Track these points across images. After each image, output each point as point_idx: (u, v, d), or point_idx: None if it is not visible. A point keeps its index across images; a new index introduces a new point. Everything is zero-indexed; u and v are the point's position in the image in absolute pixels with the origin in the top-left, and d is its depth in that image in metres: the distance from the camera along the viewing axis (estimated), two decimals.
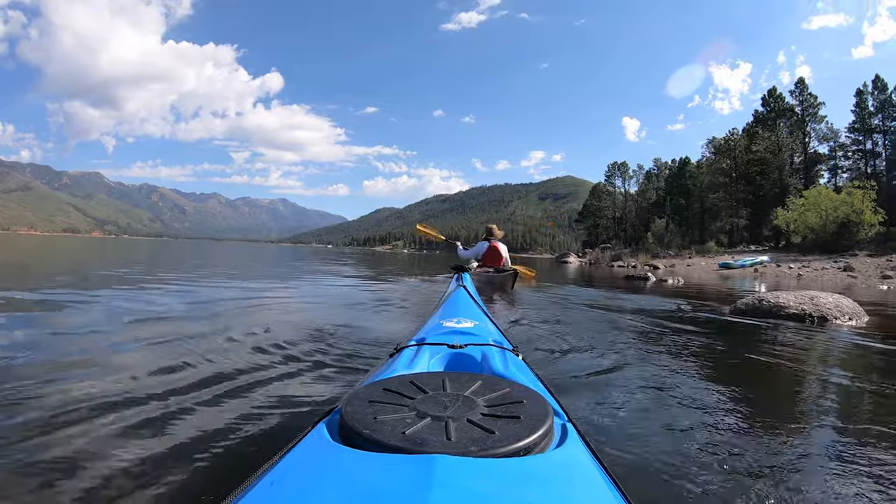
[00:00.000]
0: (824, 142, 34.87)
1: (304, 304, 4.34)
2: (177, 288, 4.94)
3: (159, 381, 1.62)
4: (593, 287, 8.37)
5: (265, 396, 1.51)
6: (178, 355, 1.96)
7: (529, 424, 0.61)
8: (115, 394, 1.46)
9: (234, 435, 1.21)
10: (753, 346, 2.90)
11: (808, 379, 2.20)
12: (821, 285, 10.44)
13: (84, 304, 3.45)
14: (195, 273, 7.61)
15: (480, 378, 0.78)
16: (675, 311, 4.50)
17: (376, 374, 0.97)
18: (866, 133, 33.17)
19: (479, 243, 6.44)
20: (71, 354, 2.00)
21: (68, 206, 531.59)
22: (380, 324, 3.21)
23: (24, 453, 1.07)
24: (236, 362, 1.89)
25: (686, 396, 1.70)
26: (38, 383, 1.53)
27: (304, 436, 0.65)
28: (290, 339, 2.34)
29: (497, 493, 0.46)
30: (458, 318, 1.44)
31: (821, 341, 3.12)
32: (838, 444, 1.32)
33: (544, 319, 3.50)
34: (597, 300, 5.49)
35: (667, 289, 8.03)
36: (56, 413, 1.28)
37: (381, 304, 4.28)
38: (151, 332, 2.53)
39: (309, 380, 1.74)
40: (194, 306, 3.58)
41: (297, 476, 0.53)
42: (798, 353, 2.70)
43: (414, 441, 0.56)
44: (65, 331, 2.53)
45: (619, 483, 0.58)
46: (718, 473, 1.11)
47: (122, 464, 1.03)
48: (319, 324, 2.85)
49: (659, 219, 43.76)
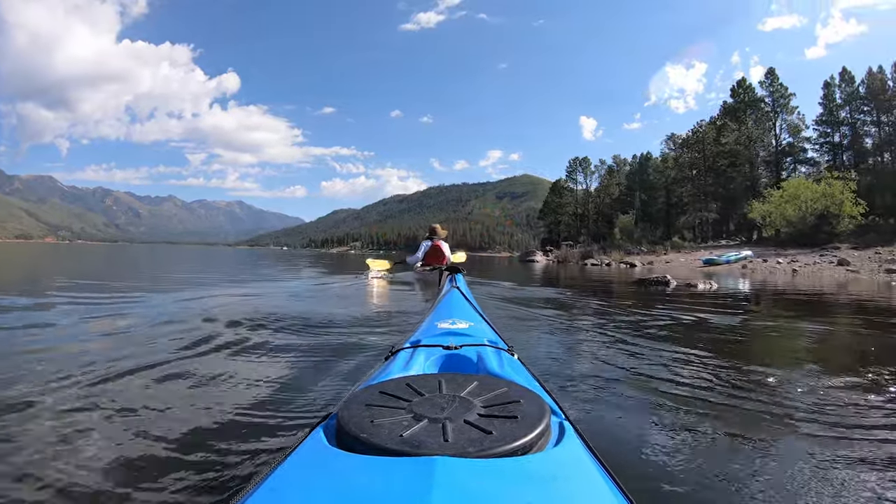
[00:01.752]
0: (796, 133, 34.29)
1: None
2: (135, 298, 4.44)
3: (145, 390, 1.58)
4: (609, 303, 5.60)
5: (258, 403, 1.47)
6: (154, 362, 1.89)
7: (527, 424, 0.60)
8: (103, 406, 1.40)
9: (228, 443, 1.18)
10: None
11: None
12: (822, 282, 9.88)
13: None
14: (161, 284, 7.00)
15: (476, 378, 0.78)
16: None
17: (372, 378, 0.95)
18: (834, 126, 32.80)
19: (422, 243, 6.47)
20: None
21: (20, 210, 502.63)
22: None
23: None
24: (215, 369, 1.83)
25: (688, 394, 1.69)
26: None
27: (301, 442, 0.64)
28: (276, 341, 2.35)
29: (496, 493, 0.46)
30: (453, 319, 1.42)
31: None
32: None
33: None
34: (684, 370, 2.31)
35: (719, 297, 6.01)
36: (48, 427, 1.24)
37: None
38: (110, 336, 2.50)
39: (301, 384, 1.68)
40: (166, 313, 3.29)
41: (295, 483, 0.52)
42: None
43: (412, 444, 0.55)
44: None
45: (618, 480, 0.57)
46: (719, 468, 1.11)
47: (116, 475, 1.01)
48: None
49: (623, 214, 42.71)
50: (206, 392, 1.56)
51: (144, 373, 1.72)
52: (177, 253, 32.57)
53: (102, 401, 1.44)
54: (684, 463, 1.13)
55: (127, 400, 1.46)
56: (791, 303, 5.93)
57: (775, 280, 10.76)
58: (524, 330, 3.17)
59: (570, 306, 4.83)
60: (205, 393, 1.55)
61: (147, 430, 1.24)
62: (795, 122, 34.24)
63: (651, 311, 4.19)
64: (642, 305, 4.76)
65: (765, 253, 20.47)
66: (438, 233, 6.60)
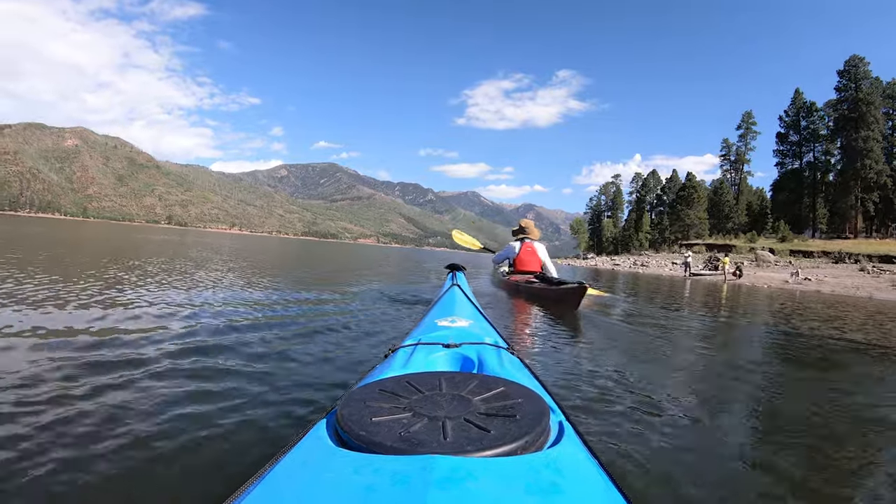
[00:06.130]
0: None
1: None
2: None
3: (140, 381, 1.53)
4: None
5: (259, 398, 1.44)
6: (155, 353, 1.84)
7: (526, 423, 0.60)
8: (106, 400, 1.34)
9: (229, 438, 1.16)
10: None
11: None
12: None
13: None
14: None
15: (476, 377, 0.78)
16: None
17: (372, 375, 0.94)
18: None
19: (508, 245, 5.42)
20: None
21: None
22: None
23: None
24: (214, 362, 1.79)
25: (688, 392, 1.75)
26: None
27: (301, 439, 0.64)
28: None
29: (495, 492, 0.45)
30: (453, 317, 1.41)
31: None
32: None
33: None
34: None
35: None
36: (38, 420, 1.18)
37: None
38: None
39: (300, 381, 1.64)
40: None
41: (294, 480, 0.52)
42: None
43: (411, 442, 0.55)
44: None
45: (616, 481, 0.57)
46: (719, 470, 1.12)
47: (115, 469, 0.99)
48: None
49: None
50: (202, 386, 1.51)
51: (128, 372, 1.60)
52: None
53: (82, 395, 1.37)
54: (685, 465, 1.13)
55: (113, 394, 1.39)
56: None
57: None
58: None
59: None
60: (202, 386, 1.51)
61: (141, 424, 1.21)
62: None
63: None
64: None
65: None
66: (530, 231, 5.42)
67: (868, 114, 37.15)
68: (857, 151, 37.28)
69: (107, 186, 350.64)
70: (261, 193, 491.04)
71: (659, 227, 54.69)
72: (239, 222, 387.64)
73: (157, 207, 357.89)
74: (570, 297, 3.91)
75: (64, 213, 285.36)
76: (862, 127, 37.31)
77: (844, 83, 39.43)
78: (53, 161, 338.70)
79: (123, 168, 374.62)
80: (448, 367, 1.02)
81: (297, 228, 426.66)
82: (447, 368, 1.02)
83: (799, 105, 44.44)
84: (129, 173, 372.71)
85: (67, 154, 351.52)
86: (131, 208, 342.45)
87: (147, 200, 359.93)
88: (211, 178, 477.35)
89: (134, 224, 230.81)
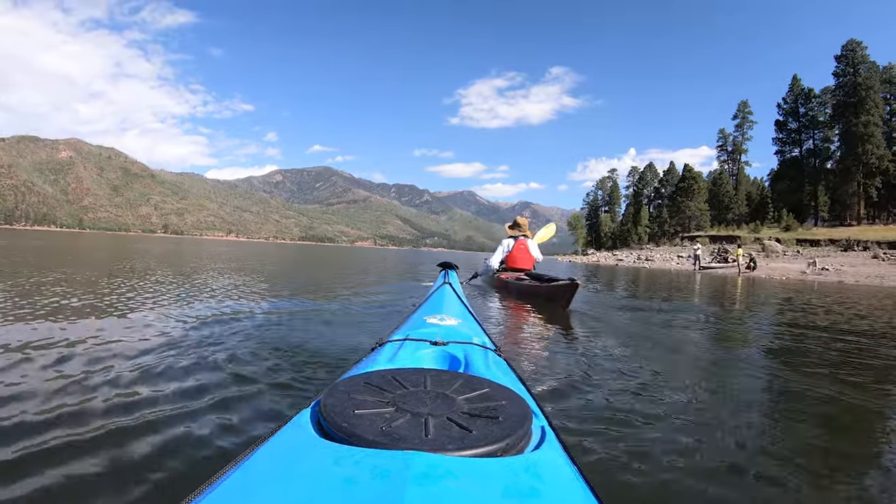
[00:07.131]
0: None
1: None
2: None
3: (123, 370, 1.58)
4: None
5: (241, 386, 1.47)
6: (146, 344, 1.98)
7: (508, 425, 0.60)
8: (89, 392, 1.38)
9: (207, 427, 1.17)
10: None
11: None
12: None
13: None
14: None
15: (462, 376, 0.78)
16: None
17: (357, 368, 0.95)
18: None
19: (503, 242, 5.27)
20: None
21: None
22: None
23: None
24: (205, 351, 1.89)
25: (673, 400, 1.63)
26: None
27: (282, 427, 0.64)
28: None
29: (472, 492, 0.45)
30: (442, 315, 1.41)
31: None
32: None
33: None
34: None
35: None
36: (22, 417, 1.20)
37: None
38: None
39: (285, 373, 1.67)
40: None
41: (273, 467, 0.52)
42: None
43: (392, 437, 0.55)
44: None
45: (595, 489, 0.56)
46: (697, 480, 1.07)
47: (92, 458, 1.00)
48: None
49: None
50: (185, 373, 1.58)
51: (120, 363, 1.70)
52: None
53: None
54: (665, 475, 1.07)
55: (104, 382, 1.46)
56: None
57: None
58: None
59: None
60: (184, 374, 1.57)
61: (127, 411, 1.23)
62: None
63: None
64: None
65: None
66: (521, 227, 5.33)
67: (868, 98, 36.69)
68: (857, 137, 36.85)
69: (102, 197, 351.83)
70: (256, 199, 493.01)
71: (658, 221, 54.10)
72: (235, 229, 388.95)
73: (152, 217, 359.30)
74: (561, 294, 3.85)
75: (59, 225, 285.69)
76: (862, 112, 36.84)
77: (843, 68, 38.97)
78: (48, 173, 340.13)
79: (118, 178, 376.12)
80: (434, 365, 1.01)
81: (294, 233, 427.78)
82: (433, 366, 1.00)
83: (797, 92, 43.97)
84: (123, 183, 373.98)
85: (62, 166, 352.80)
86: (127, 218, 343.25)
87: (143, 210, 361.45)
88: (206, 185, 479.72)
89: (130, 234, 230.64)
